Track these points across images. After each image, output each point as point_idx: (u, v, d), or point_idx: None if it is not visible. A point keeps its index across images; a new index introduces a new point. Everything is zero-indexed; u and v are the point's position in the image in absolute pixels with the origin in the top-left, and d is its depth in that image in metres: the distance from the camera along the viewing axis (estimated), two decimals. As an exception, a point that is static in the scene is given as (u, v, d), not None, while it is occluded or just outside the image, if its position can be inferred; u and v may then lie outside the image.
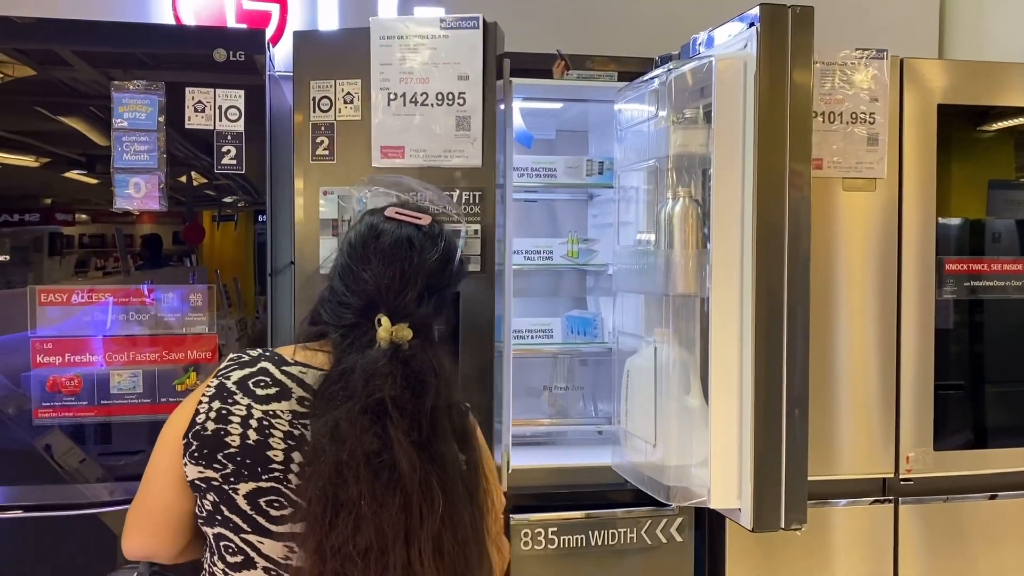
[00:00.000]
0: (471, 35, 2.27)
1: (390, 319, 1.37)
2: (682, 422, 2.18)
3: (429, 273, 1.42)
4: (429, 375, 1.36)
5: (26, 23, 2.30)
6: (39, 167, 2.29)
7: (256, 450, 1.36)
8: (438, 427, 1.35)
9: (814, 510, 2.43)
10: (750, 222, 2.03)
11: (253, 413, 1.37)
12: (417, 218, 1.45)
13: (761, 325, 2.04)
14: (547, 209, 3.18)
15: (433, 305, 1.43)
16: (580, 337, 2.80)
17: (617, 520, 2.46)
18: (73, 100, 2.28)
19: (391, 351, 1.35)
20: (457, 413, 1.40)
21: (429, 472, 1.31)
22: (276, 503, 1.36)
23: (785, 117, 2.02)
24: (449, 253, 1.46)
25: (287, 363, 1.42)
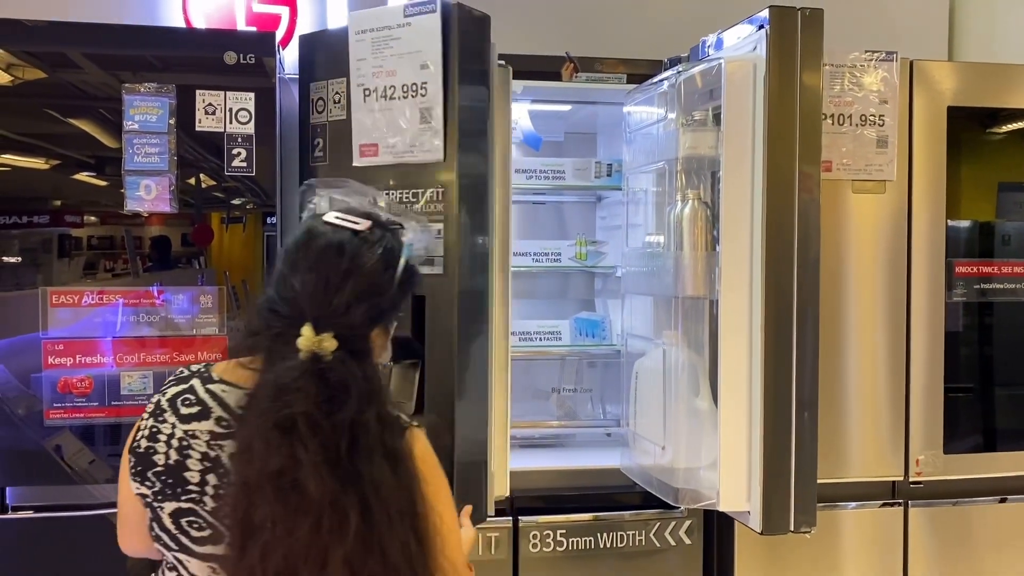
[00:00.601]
0: (429, 20, 2.04)
1: (315, 328, 1.29)
2: (691, 424, 2.18)
3: (361, 280, 1.33)
4: (348, 389, 1.27)
5: (37, 26, 2.30)
6: (49, 169, 2.30)
7: (175, 470, 1.34)
8: (359, 445, 1.26)
9: (823, 513, 2.41)
10: (759, 224, 2.03)
11: (175, 432, 1.35)
12: (355, 223, 1.37)
13: (770, 327, 2.03)
14: (556, 211, 3.19)
15: (365, 314, 1.33)
16: (588, 339, 2.80)
17: (625, 522, 2.45)
18: (83, 102, 2.29)
19: (308, 363, 1.28)
20: (389, 431, 1.31)
21: (342, 493, 1.23)
22: (196, 524, 1.34)
23: (794, 119, 2.02)
24: (387, 260, 1.36)
25: (212, 380, 1.38)
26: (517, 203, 3.12)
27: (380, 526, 1.25)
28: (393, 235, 1.39)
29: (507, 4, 3.11)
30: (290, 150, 2.38)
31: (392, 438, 1.31)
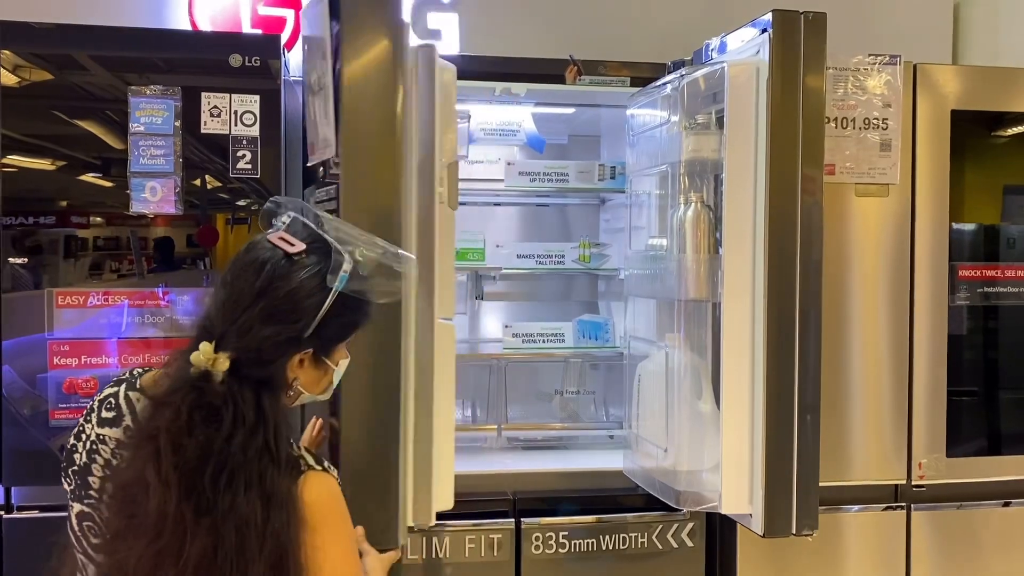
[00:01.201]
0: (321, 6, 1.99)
1: (217, 346, 1.25)
2: (693, 427, 2.18)
3: (273, 302, 1.26)
4: (221, 412, 1.21)
5: (44, 28, 2.32)
6: (56, 170, 2.31)
7: (83, 473, 1.33)
8: (229, 476, 1.19)
9: (826, 516, 2.41)
10: (762, 227, 2.03)
11: (91, 435, 1.33)
12: (290, 244, 1.30)
13: (773, 331, 2.03)
14: (559, 213, 3.19)
15: (271, 339, 1.26)
16: (591, 341, 2.81)
17: (628, 524, 2.46)
18: (90, 104, 2.30)
19: (195, 379, 1.23)
20: (273, 468, 1.23)
21: (193, 520, 1.17)
22: (93, 530, 1.33)
23: (797, 123, 2.02)
24: (311, 286, 1.28)
25: (134, 388, 1.35)
26: (520, 205, 3.15)
27: (228, 564, 1.18)
28: (329, 262, 1.29)
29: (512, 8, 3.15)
30: (295, 152, 2.39)
31: (274, 477, 1.23)
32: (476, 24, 3.09)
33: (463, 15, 3.06)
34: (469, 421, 2.83)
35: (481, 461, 2.59)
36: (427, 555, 2.35)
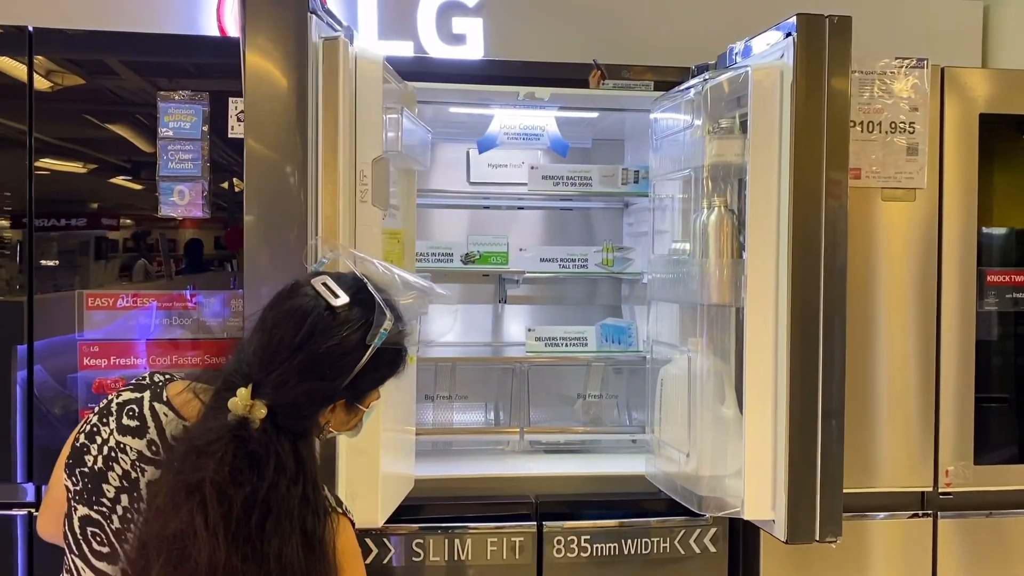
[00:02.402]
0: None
1: (254, 392, 1.24)
2: (716, 432, 2.17)
3: (310, 358, 1.25)
4: (265, 462, 1.21)
5: (77, 34, 2.36)
6: (86, 173, 2.35)
7: (97, 477, 1.33)
8: (274, 523, 1.20)
9: (852, 523, 2.41)
10: (786, 232, 2.02)
11: (110, 440, 1.33)
12: (335, 295, 1.29)
13: (796, 336, 2.02)
14: (583, 218, 3.20)
15: (305, 394, 1.25)
16: (614, 346, 2.80)
17: (650, 529, 2.45)
18: (119, 108, 2.33)
19: (232, 427, 1.22)
20: (312, 514, 1.25)
21: (241, 569, 1.18)
22: (99, 537, 1.33)
23: (822, 127, 2.01)
24: (349, 345, 1.27)
25: (161, 400, 1.35)
26: (544, 209, 3.16)
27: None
28: (369, 320, 1.28)
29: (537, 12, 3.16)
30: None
31: (314, 522, 1.25)
32: (501, 29, 3.11)
33: (488, 20, 3.07)
34: (492, 424, 2.85)
35: (503, 464, 2.59)
36: (449, 557, 2.35)
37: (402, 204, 2.21)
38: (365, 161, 1.87)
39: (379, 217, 1.88)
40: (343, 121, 1.83)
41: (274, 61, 1.79)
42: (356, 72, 1.87)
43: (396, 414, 2.07)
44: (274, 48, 1.78)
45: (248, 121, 1.79)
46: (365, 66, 1.88)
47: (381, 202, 1.86)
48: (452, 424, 2.77)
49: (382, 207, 1.88)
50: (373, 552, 2.33)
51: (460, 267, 2.78)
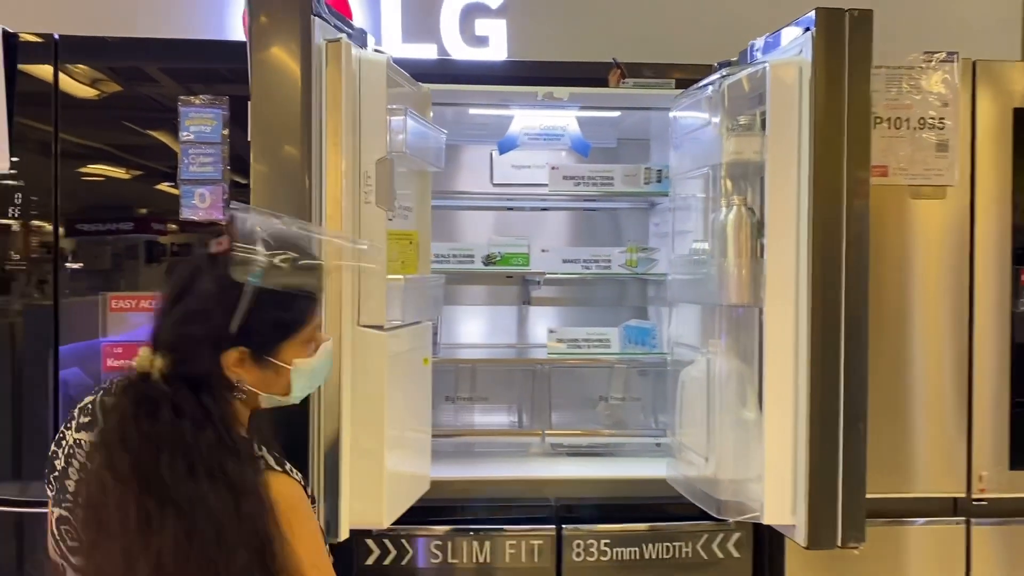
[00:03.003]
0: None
1: (153, 347, 1.30)
2: (736, 435, 2.13)
3: (191, 302, 1.30)
4: (163, 407, 1.24)
5: (99, 41, 2.40)
6: (111, 178, 2.38)
7: (61, 477, 1.36)
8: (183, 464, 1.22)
9: (881, 528, 2.36)
10: (806, 231, 1.98)
11: (69, 439, 1.36)
12: (218, 244, 1.33)
13: (817, 337, 1.98)
14: (610, 218, 3.17)
15: (194, 337, 1.29)
16: (638, 347, 2.77)
17: (672, 534, 2.41)
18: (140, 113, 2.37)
19: (132, 380, 1.28)
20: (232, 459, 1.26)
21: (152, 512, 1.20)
22: (70, 533, 1.35)
23: (842, 123, 1.96)
24: (223, 285, 1.30)
25: (109, 393, 1.37)
26: (569, 210, 3.14)
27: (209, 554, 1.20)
28: (246, 261, 1.30)
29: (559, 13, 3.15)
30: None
31: (237, 467, 1.26)
32: (525, 30, 3.10)
33: (511, 21, 3.07)
34: (515, 426, 2.83)
35: (524, 467, 2.58)
36: (468, 560, 2.35)
37: (415, 205, 2.21)
38: (369, 162, 1.87)
39: (384, 217, 1.88)
40: (346, 122, 1.83)
41: (279, 63, 1.80)
42: (360, 74, 1.87)
43: (406, 414, 2.06)
44: (279, 51, 1.80)
45: (254, 122, 1.81)
46: (369, 68, 1.89)
47: (386, 203, 1.86)
48: (473, 426, 2.77)
49: (387, 208, 1.88)
50: (392, 553, 2.33)
51: (481, 268, 2.78)
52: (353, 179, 1.86)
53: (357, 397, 1.88)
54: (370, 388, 1.89)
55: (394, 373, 1.93)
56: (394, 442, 1.94)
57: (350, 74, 1.85)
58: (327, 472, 1.85)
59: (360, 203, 1.87)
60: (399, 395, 1.98)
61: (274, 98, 1.80)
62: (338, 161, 1.83)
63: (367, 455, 1.87)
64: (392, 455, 1.93)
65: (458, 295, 3.09)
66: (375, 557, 2.32)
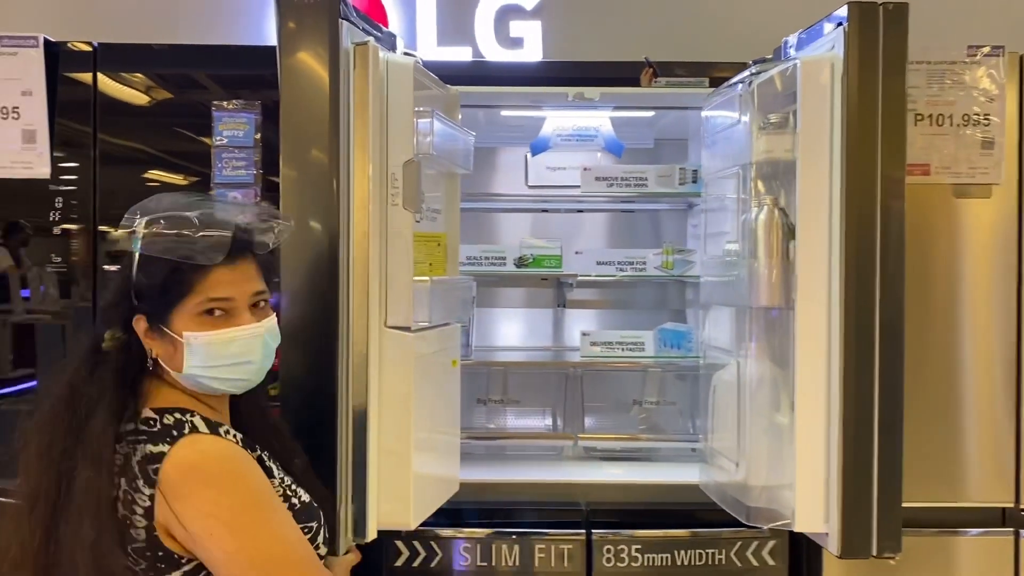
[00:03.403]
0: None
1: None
2: (768, 441, 2.09)
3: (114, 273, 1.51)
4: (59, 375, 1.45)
5: (151, 49, 2.45)
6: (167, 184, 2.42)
7: None
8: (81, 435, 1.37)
9: (928, 539, 2.31)
10: (838, 232, 1.93)
11: None
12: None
13: (850, 341, 1.92)
14: (648, 220, 3.14)
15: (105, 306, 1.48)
16: (673, 351, 2.73)
17: (706, 540, 2.37)
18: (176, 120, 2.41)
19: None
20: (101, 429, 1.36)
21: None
22: None
23: (876, 121, 1.90)
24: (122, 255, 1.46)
25: None
26: (605, 212, 3.11)
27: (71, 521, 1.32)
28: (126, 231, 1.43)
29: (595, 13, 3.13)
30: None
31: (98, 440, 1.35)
32: (560, 31, 3.09)
33: (546, 22, 3.06)
34: (549, 429, 2.82)
35: (555, 470, 2.56)
36: (497, 562, 2.34)
37: (444, 207, 2.21)
38: (396, 164, 1.87)
39: (410, 219, 1.88)
40: (373, 124, 1.84)
41: (308, 67, 1.82)
42: (387, 76, 1.88)
43: (433, 415, 2.06)
44: (307, 55, 1.81)
45: (284, 126, 1.83)
46: (396, 70, 1.89)
47: (412, 205, 1.87)
48: (505, 429, 2.76)
49: (413, 209, 1.88)
50: (421, 555, 2.33)
51: (513, 271, 2.77)
52: (380, 181, 1.87)
53: (384, 398, 1.89)
54: (396, 389, 1.89)
55: (421, 374, 1.93)
56: (421, 444, 1.94)
57: (377, 77, 1.85)
58: (355, 473, 1.86)
59: (387, 205, 1.87)
60: (426, 396, 1.98)
61: (303, 102, 1.82)
62: (365, 163, 1.84)
63: (394, 456, 1.88)
64: (419, 457, 1.93)
65: (493, 297, 3.09)
66: (404, 559, 2.33)
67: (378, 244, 1.86)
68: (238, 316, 1.45)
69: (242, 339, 1.44)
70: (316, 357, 1.80)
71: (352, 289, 1.83)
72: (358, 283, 1.85)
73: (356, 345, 1.85)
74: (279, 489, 1.50)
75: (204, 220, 1.42)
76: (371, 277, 1.85)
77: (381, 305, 1.89)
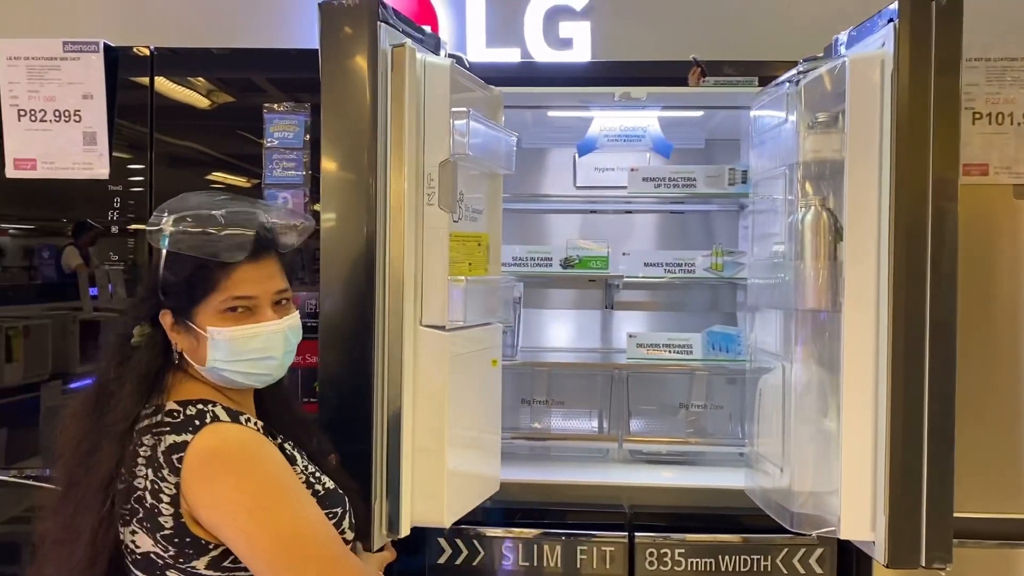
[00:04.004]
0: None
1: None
2: (814, 446, 2.05)
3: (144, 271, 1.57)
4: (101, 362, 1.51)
5: (206, 53, 2.51)
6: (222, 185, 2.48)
7: None
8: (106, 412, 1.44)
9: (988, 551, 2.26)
10: (887, 233, 1.88)
11: None
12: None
13: (898, 345, 1.88)
14: (700, 221, 3.10)
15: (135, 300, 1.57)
16: (722, 354, 2.70)
17: (751, 546, 2.34)
18: (241, 122, 2.45)
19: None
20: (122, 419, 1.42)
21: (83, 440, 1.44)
22: None
23: (927, 120, 1.86)
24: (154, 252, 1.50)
25: None
26: (655, 213, 3.09)
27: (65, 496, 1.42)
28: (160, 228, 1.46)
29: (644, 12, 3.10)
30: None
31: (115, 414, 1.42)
32: (609, 31, 3.07)
33: (595, 23, 3.05)
34: (594, 431, 2.81)
35: (599, 472, 2.55)
36: (537, 563, 2.34)
37: (486, 207, 2.22)
38: (432, 164, 1.89)
39: (446, 219, 1.89)
40: (409, 125, 1.86)
41: (346, 69, 1.85)
42: (424, 78, 1.90)
43: (471, 414, 2.07)
44: (347, 57, 1.84)
45: (324, 127, 1.86)
46: (433, 71, 1.91)
47: (448, 205, 1.88)
48: (549, 430, 2.76)
49: (449, 209, 1.89)
50: (463, 553, 2.35)
51: (559, 271, 2.76)
52: (416, 181, 1.89)
53: (419, 396, 1.91)
54: (431, 387, 1.90)
55: (457, 373, 1.94)
56: (457, 441, 1.95)
57: (414, 78, 1.87)
58: (389, 470, 1.88)
59: (423, 205, 1.89)
60: (463, 395, 1.99)
61: (341, 103, 1.85)
62: (401, 164, 1.87)
63: (429, 454, 1.89)
64: (455, 455, 1.94)
65: (542, 299, 3.09)
66: (446, 556, 2.35)
67: (414, 243, 1.89)
68: (261, 313, 1.49)
69: (264, 335, 1.48)
70: (352, 355, 1.83)
71: (388, 288, 1.86)
72: (393, 282, 1.87)
73: (391, 343, 1.88)
74: (302, 476, 1.53)
75: (229, 219, 1.47)
76: (406, 276, 1.87)
77: (416, 304, 1.91)
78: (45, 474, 2.40)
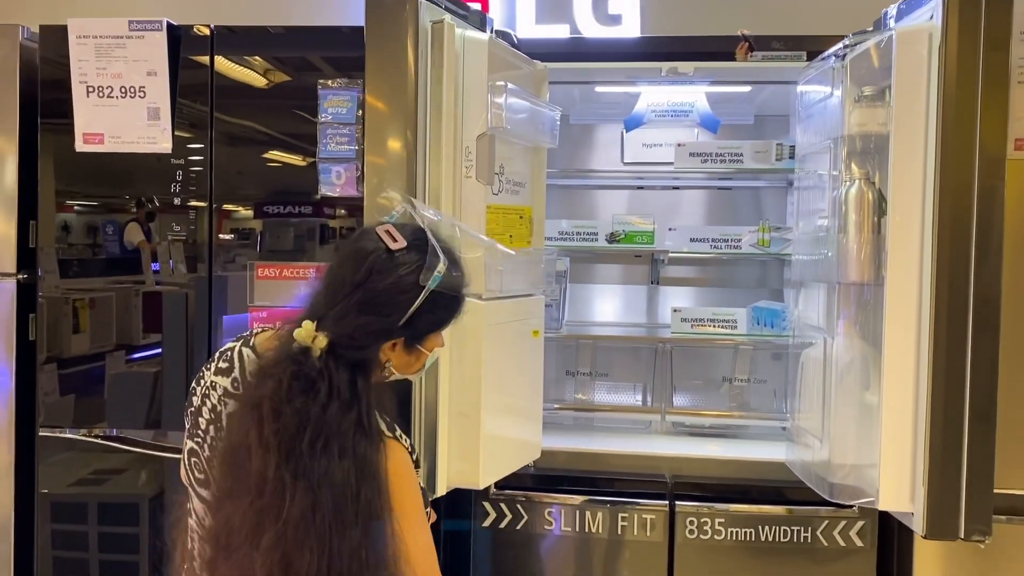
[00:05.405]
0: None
1: (317, 325, 1.37)
2: (854, 418, 2.07)
3: (368, 295, 1.37)
4: (320, 387, 1.32)
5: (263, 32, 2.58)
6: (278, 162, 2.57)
7: (196, 413, 1.49)
8: (320, 443, 1.30)
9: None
10: (931, 208, 1.88)
11: (206, 380, 1.49)
12: (393, 239, 1.40)
13: (941, 322, 1.88)
14: (748, 197, 3.10)
15: (363, 329, 1.37)
16: (767, 329, 2.71)
17: (790, 518, 2.37)
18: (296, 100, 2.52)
19: (296, 354, 1.35)
20: (365, 440, 1.34)
21: (291, 481, 1.29)
22: (198, 466, 1.49)
23: (975, 94, 1.85)
24: (404, 285, 1.38)
25: (248, 345, 1.50)
26: (703, 188, 3.10)
27: (326, 527, 1.29)
28: (423, 264, 1.39)
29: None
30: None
31: (366, 450, 1.34)
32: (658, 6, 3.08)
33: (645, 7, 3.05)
34: (639, 404, 2.85)
35: (641, 443, 2.60)
36: (579, 529, 2.40)
37: (530, 181, 2.26)
38: (471, 138, 1.94)
39: (483, 191, 1.94)
40: (447, 98, 1.91)
41: (388, 44, 1.91)
42: (464, 53, 1.94)
43: (509, 381, 2.13)
44: (387, 32, 1.90)
45: (369, 102, 1.93)
46: (472, 46, 1.95)
47: (485, 177, 1.93)
48: (593, 401, 2.80)
49: (486, 182, 1.94)
50: (507, 517, 2.42)
51: (605, 246, 2.80)
52: (455, 154, 1.94)
53: (456, 363, 1.97)
54: (468, 354, 1.97)
55: (495, 342, 2.00)
56: (494, 407, 2.02)
57: (452, 53, 1.92)
58: (426, 432, 1.95)
59: (461, 177, 1.94)
60: (501, 363, 2.05)
61: (384, 77, 1.91)
62: (440, 137, 1.92)
63: (464, 418, 1.96)
64: (491, 420, 2.00)
65: (589, 274, 3.13)
66: (491, 520, 2.42)
67: (451, 214, 1.93)
68: None
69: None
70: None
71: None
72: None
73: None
74: None
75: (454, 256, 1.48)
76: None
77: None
78: (112, 433, 2.54)
